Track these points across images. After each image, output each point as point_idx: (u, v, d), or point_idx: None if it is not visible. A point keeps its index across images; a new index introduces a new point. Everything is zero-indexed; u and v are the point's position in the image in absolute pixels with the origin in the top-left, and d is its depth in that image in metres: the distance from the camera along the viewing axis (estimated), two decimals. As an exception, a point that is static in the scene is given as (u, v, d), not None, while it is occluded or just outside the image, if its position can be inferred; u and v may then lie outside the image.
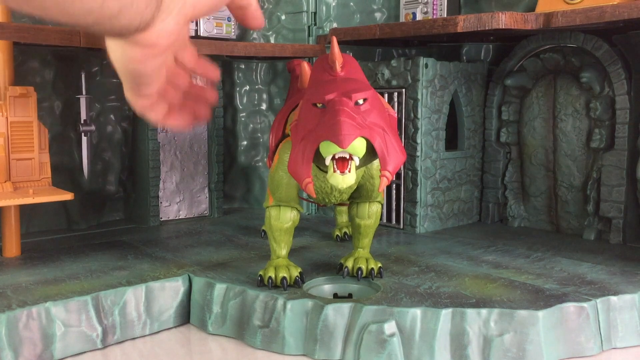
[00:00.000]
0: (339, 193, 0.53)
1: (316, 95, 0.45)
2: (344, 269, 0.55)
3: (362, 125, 0.43)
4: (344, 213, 0.71)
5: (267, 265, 0.53)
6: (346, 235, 0.70)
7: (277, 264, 0.53)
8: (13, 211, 0.64)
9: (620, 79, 0.68)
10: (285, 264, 0.53)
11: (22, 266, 0.60)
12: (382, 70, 0.75)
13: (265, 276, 0.52)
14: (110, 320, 0.50)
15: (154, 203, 0.80)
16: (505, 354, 0.46)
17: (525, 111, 0.79)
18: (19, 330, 0.46)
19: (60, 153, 0.77)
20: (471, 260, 0.62)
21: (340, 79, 0.47)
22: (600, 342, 0.48)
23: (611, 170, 0.70)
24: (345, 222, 0.71)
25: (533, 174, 0.79)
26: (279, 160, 0.52)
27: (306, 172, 0.44)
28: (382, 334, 0.45)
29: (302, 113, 0.46)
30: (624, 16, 0.57)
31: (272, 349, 0.48)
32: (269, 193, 0.54)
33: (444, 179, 0.77)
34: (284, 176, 0.51)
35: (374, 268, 0.54)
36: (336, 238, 0.70)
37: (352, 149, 0.42)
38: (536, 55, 0.76)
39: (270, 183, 0.52)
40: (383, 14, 0.90)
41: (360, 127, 0.43)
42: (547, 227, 0.78)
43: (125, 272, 0.57)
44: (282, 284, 0.51)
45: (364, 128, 0.43)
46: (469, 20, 0.65)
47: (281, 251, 0.54)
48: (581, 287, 0.52)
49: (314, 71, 0.50)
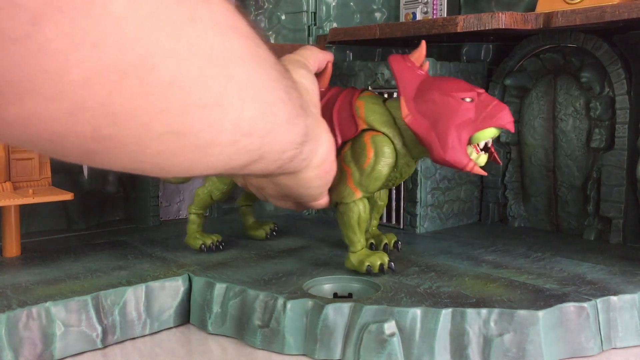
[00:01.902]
0: (401, 177, 0.58)
1: (462, 92, 0.51)
2: (383, 245, 0.63)
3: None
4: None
5: (362, 256, 0.56)
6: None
7: (367, 252, 0.56)
8: (13, 211, 0.64)
9: (620, 79, 0.68)
10: (372, 252, 0.57)
11: (22, 266, 0.60)
12: (382, 70, 0.75)
13: (375, 264, 0.55)
14: (110, 320, 0.50)
15: (154, 203, 0.80)
16: (505, 353, 0.46)
17: (525, 111, 0.79)
18: (19, 330, 0.46)
19: (60, 153, 0.77)
20: (471, 260, 0.62)
21: (434, 76, 0.56)
22: (600, 342, 0.48)
23: (611, 170, 0.70)
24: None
25: (533, 174, 0.79)
26: (379, 154, 0.54)
27: (467, 156, 0.51)
28: (382, 334, 0.45)
29: (436, 107, 0.51)
30: (624, 16, 0.57)
31: (272, 348, 0.48)
32: (351, 188, 0.55)
33: (444, 179, 0.77)
34: (385, 168, 0.55)
35: (394, 241, 0.64)
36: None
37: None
38: (536, 55, 0.76)
39: (366, 177, 0.55)
40: (383, 14, 0.90)
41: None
42: (547, 227, 0.78)
43: (125, 272, 0.57)
44: (382, 269, 0.55)
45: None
46: (469, 20, 0.65)
47: (363, 241, 0.57)
48: (581, 287, 0.52)
49: (402, 70, 0.54)
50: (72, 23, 0.19)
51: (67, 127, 0.22)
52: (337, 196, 0.56)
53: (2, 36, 0.18)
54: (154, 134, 0.25)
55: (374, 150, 0.54)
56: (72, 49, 0.20)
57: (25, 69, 0.19)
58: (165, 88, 0.24)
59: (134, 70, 0.22)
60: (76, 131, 0.23)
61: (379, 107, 0.56)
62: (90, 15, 0.20)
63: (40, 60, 0.19)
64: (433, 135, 0.51)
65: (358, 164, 0.55)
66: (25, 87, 0.20)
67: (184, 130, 0.27)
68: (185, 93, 0.25)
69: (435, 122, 0.51)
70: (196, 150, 0.28)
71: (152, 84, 0.23)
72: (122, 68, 0.22)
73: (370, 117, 0.55)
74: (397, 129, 0.55)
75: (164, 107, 0.25)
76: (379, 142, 0.55)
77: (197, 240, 0.64)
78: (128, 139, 0.25)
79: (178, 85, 0.24)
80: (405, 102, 0.53)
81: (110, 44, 0.21)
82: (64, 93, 0.21)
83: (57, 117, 0.22)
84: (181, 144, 0.27)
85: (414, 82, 0.53)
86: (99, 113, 0.22)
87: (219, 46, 0.27)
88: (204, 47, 0.25)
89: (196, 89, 0.26)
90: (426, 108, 0.52)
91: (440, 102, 0.51)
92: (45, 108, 0.21)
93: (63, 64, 0.20)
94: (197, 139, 0.28)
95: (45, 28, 0.19)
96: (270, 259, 0.62)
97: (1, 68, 0.19)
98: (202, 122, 0.27)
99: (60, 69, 0.20)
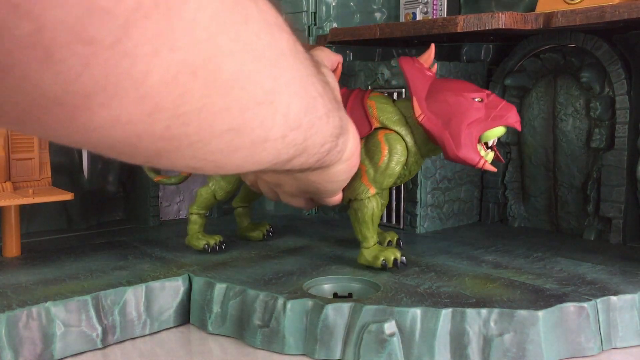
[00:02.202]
0: (409, 175, 0.60)
1: (473, 92, 0.54)
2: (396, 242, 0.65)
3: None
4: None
5: (376, 251, 0.57)
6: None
7: (380, 247, 0.57)
8: (13, 211, 0.64)
9: (620, 79, 0.68)
10: (385, 248, 0.58)
11: (22, 266, 0.60)
12: (382, 70, 0.75)
13: (389, 259, 0.56)
14: (110, 320, 0.50)
15: (154, 203, 0.80)
16: (505, 353, 0.46)
17: (525, 111, 0.79)
18: (19, 330, 0.46)
19: (60, 153, 0.77)
20: (471, 260, 0.62)
21: (441, 77, 0.59)
22: (600, 342, 0.48)
23: (611, 170, 0.70)
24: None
25: (533, 174, 0.79)
26: (393, 151, 0.56)
27: (479, 154, 0.53)
28: (382, 334, 0.45)
29: (449, 106, 0.54)
30: (624, 16, 0.57)
31: (272, 348, 0.48)
32: (366, 184, 0.56)
33: (444, 179, 0.77)
34: (399, 166, 0.56)
35: (397, 238, 0.65)
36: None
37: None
38: (536, 55, 0.76)
39: (381, 173, 0.56)
40: (383, 14, 0.90)
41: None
42: (547, 227, 0.78)
43: (125, 272, 0.57)
44: (396, 263, 0.56)
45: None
46: (469, 20, 0.65)
47: (376, 237, 0.58)
48: (581, 287, 0.52)
49: (413, 71, 0.56)
50: (155, 28, 0.20)
51: (145, 128, 0.23)
52: (352, 193, 0.57)
53: (96, 43, 0.19)
54: (216, 132, 0.27)
55: (387, 148, 0.56)
56: (154, 52, 0.21)
57: (114, 74, 0.20)
58: (228, 87, 0.25)
59: (202, 71, 0.23)
60: (152, 131, 0.24)
61: (390, 106, 0.58)
62: (169, 19, 0.21)
63: (128, 65, 0.20)
64: (447, 134, 0.53)
65: (372, 161, 0.56)
66: (113, 91, 0.21)
67: (242, 127, 0.28)
68: (245, 91, 0.26)
69: (448, 121, 0.53)
70: (251, 146, 0.30)
71: (217, 84, 0.24)
72: (193, 69, 0.23)
73: (383, 116, 0.57)
74: (408, 127, 0.57)
75: (227, 106, 0.26)
76: (392, 140, 0.56)
77: (200, 240, 0.64)
78: (193, 137, 0.26)
79: (238, 83, 0.26)
80: (417, 102, 0.55)
81: (183, 46, 0.22)
82: (145, 96, 0.22)
83: (139, 119, 0.23)
84: (239, 141, 0.28)
85: (424, 83, 0.55)
86: (172, 113, 0.23)
87: (269, 44, 0.28)
88: (258, 46, 0.26)
89: (253, 86, 0.27)
90: (439, 108, 0.54)
91: (452, 102, 0.54)
92: (129, 111, 0.22)
93: (146, 68, 0.21)
94: (254, 135, 0.29)
95: (134, 34, 0.20)
96: (270, 259, 0.62)
97: (95, 74, 0.20)
98: (258, 119, 0.29)
99: (144, 73, 0.21)
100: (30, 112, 0.21)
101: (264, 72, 0.28)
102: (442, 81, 0.56)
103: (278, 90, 0.29)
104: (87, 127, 0.22)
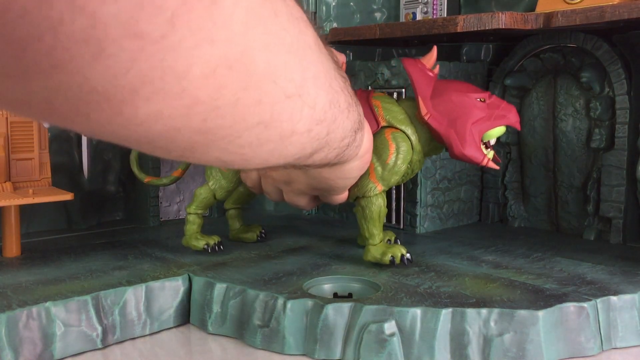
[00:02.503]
0: (412, 173, 0.61)
1: (476, 93, 0.56)
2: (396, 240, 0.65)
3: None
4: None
5: (383, 248, 0.58)
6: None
7: (386, 244, 0.58)
8: (13, 211, 0.64)
9: (620, 79, 0.68)
10: (391, 245, 0.59)
11: (22, 266, 0.60)
12: (382, 70, 0.75)
13: (397, 255, 0.57)
14: (110, 320, 0.50)
15: (154, 203, 0.80)
16: (505, 353, 0.46)
17: (525, 111, 0.79)
18: (19, 330, 0.46)
19: (60, 153, 0.77)
20: (471, 260, 0.62)
21: (442, 79, 0.61)
22: (600, 342, 0.48)
23: (611, 170, 0.70)
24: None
25: (533, 174, 0.79)
26: (400, 149, 0.57)
27: (482, 152, 0.55)
28: (382, 334, 0.45)
29: (454, 106, 0.56)
30: (624, 16, 0.57)
31: (272, 348, 0.48)
32: (374, 182, 0.57)
33: (444, 179, 0.77)
34: (405, 164, 0.58)
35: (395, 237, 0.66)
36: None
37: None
38: (536, 55, 0.76)
39: (388, 171, 0.57)
40: (383, 14, 0.90)
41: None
42: (547, 227, 0.78)
43: (125, 272, 0.57)
44: (403, 260, 0.57)
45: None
46: (469, 20, 0.65)
47: (382, 234, 0.59)
48: (581, 287, 0.52)
49: (417, 71, 0.57)
50: (198, 21, 0.20)
51: (184, 121, 0.23)
52: (360, 190, 0.58)
53: (145, 38, 0.19)
54: (247, 125, 0.27)
55: (395, 146, 0.57)
56: (196, 46, 0.21)
57: (160, 68, 0.20)
58: (260, 80, 0.25)
59: (237, 64, 0.23)
60: (190, 125, 0.24)
61: (395, 106, 0.59)
62: (210, 12, 0.21)
63: (173, 59, 0.20)
64: (452, 133, 0.55)
65: (380, 159, 0.58)
66: (158, 85, 0.21)
67: (272, 121, 0.28)
68: (276, 85, 0.27)
69: (454, 120, 0.55)
70: (279, 139, 0.30)
71: (251, 77, 0.24)
72: (229, 62, 0.23)
73: (388, 115, 0.58)
74: (413, 126, 0.58)
75: (259, 99, 0.26)
76: (399, 138, 0.58)
77: (200, 240, 0.64)
78: (226, 130, 0.26)
79: (270, 77, 0.26)
80: (423, 102, 0.56)
81: (222, 39, 0.22)
82: (186, 89, 0.22)
83: (179, 113, 0.23)
84: (268, 134, 0.29)
85: (428, 83, 0.57)
86: (208, 107, 0.24)
87: (297, 38, 0.28)
88: (287, 40, 0.27)
89: (283, 80, 0.27)
90: (444, 107, 0.56)
91: (457, 101, 0.56)
92: (171, 105, 0.22)
93: (189, 62, 0.21)
94: (282, 128, 0.29)
95: (179, 28, 0.20)
96: (270, 259, 0.62)
97: (142, 69, 0.20)
98: (287, 112, 0.29)
99: (186, 67, 0.21)
100: (79, 108, 0.21)
101: (294, 66, 0.28)
102: (445, 82, 0.58)
103: (306, 83, 0.30)
104: (132, 121, 0.22)
